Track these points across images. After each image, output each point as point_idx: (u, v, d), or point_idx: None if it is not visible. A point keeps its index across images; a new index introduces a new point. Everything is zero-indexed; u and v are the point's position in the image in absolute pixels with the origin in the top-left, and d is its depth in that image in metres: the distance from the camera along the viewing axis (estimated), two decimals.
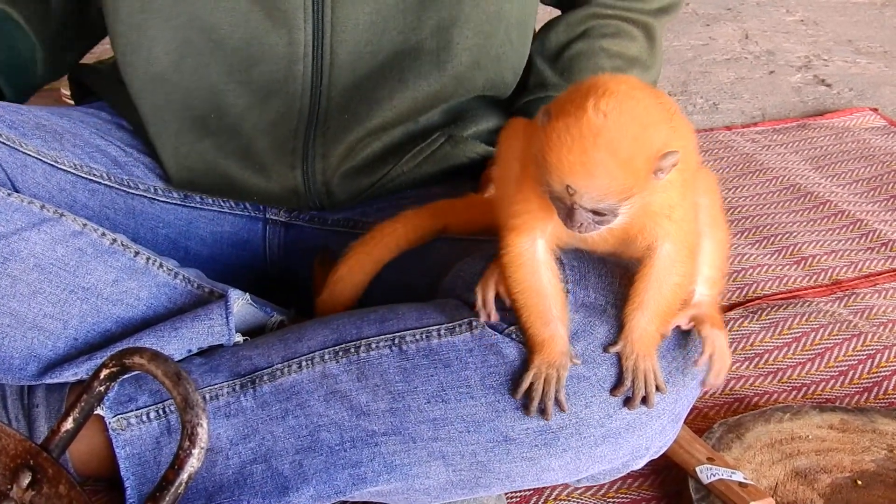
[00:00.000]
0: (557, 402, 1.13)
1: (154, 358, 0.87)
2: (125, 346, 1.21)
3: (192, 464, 0.83)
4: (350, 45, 1.34)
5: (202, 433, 0.83)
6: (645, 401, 1.14)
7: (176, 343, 1.24)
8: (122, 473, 1.21)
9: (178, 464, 0.83)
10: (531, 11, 1.46)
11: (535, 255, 1.12)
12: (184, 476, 0.82)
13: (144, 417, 1.22)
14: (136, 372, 0.91)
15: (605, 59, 1.46)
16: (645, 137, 0.99)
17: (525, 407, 1.13)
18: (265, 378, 1.21)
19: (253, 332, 1.32)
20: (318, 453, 1.18)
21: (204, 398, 1.12)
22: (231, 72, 1.36)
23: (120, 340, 1.25)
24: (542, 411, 1.13)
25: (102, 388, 0.93)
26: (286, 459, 1.19)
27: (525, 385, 1.13)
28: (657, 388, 1.13)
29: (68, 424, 0.94)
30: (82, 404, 0.93)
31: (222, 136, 1.38)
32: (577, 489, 1.38)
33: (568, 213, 1.02)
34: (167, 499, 0.81)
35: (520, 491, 1.35)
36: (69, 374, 1.23)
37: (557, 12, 1.58)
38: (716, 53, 3.26)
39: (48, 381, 1.23)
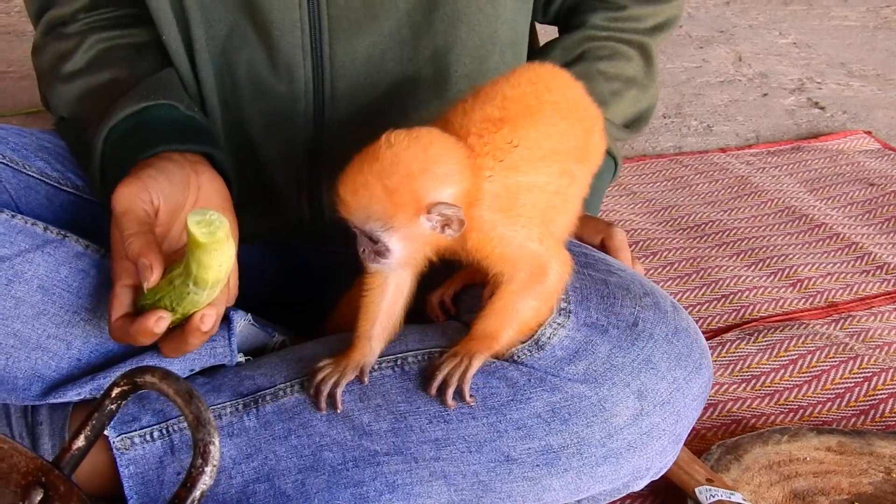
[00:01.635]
0: (331, 397, 1.18)
1: (165, 377, 0.88)
2: (128, 366, 1.22)
3: (205, 481, 0.84)
4: (349, 79, 1.35)
5: (214, 451, 0.84)
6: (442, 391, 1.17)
7: (179, 363, 1.24)
8: (125, 492, 1.21)
9: (190, 481, 0.83)
10: (523, 31, 1.47)
11: (382, 283, 1.17)
12: (196, 493, 0.83)
13: (148, 437, 1.22)
14: (146, 391, 0.91)
15: (602, 83, 1.47)
16: (417, 180, 1.04)
17: (306, 388, 1.20)
18: (268, 398, 1.22)
19: (254, 353, 1.33)
20: (321, 473, 1.19)
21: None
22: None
23: (122, 360, 1.26)
24: (317, 396, 1.18)
25: (113, 407, 0.94)
26: (289, 479, 1.19)
27: (319, 366, 1.20)
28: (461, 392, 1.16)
29: (80, 442, 0.94)
30: (94, 422, 0.94)
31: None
32: None
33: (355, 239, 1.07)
34: None
35: None
36: (73, 395, 1.23)
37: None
38: (709, 76, 3.28)
39: (52, 401, 1.24)
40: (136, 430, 1.22)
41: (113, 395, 0.93)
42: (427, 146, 1.05)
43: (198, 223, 1.03)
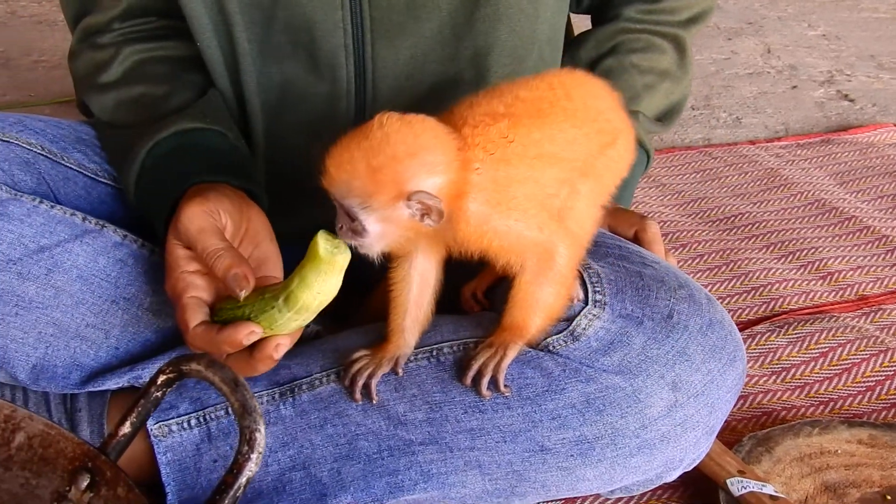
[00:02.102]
0: (366, 388, 1.19)
1: (211, 365, 0.90)
2: (167, 356, 1.24)
3: (250, 468, 0.85)
4: (391, 79, 1.35)
5: (259, 438, 0.85)
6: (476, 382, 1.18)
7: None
8: (163, 479, 1.22)
9: (236, 468, 0.84)
10: (560, 27, 1.47)
11: (406, 275, 1.18)
12: (242, 480, 0.84)
13: (185, 424, 1.24)
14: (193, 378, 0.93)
15: (636, 76, 1.48)
16: (402, 164, 1.03)
17: (341, 378, 1.21)
18: (304, 387, 1.23)
19: None
20: (356, 461, 1.20)
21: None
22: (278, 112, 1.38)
23: (160, 349, 1.28)
24: (352, 387, 1.20)
25: (159, 394, 0.95)
26: (325, 467, 1.20)
27: (354, 357, 1.21)
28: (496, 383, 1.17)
29: (125, 428, 0.96)
30: (139, 409, 0.95)
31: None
32: (607, 500, 1.39)
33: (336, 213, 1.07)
34: (226, 502, 0.83)
35: (551, 500, 1.36)
36: (111, 383, 1.25)
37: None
38: (738, 68, 3.27)
39: (91, 389, 1.25)
40: (173, 418, 1.23)
41: (159, 382, 0.94)
42: (418, 133, 1.05)
43: (326, 240, 1.04)
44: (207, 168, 1.26)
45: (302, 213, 1.27)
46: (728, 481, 1.34)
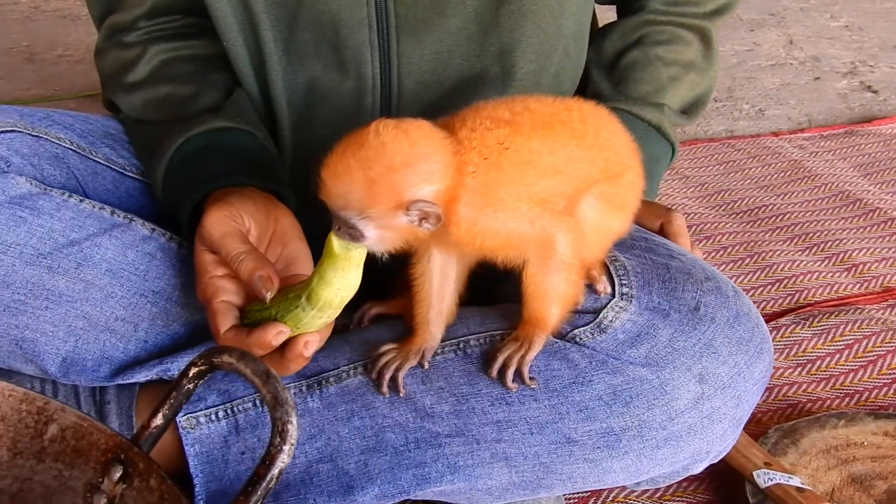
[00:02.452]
0: (393, 381, 1.19)
1: (242, 357, 0.90)
2: (196, 350, 1.25)
3: (283, 459, 0.85)
4: (416, 75, 1.35)
5: (292, 430, 0.86)
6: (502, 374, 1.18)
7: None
8: (191, 471, 1.23)
9: (268, 459, 0.85)
10: (586, 21, 1.46)
11: (425, 270, 1.18)
12: (274, 471, 0.85)
13: (213, 416, 1.24)
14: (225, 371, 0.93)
15: (661, 68, 1.48)
16: (399, 174, 1.03)
17: (368, 371, 1.22)
18: (331, 380, 1.23)
19: None
20: (383, 453, 1.20)
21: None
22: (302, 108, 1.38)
23: (188, 342, 1.29)
24: (379, 380, 1.20)
25: (191, 386, 0.96)
26: (352, 459, 1.21)
27: (381, 350, 1.21)
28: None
29: (158, 420, 0.96)
30: (171, 401, 0.96)
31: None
32: (633, 492, 1.40)
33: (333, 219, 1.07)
34: (258, 493, 0.83)
35: (577, 493, 1.37)
36: (140, 376, 1.26)
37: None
38: (760, 59, 3.27)
39: (120, 381, 1.26)
40: (201, 410, 1.24)
41: (190, 374, 0.95)
42: (414, 141, 1.04)
43: (339, 237, 1.05)
44: (235, 169, 1.26)
45: (326, 213, 1.28)
46: (754, 473, 1.34)
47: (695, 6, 1.51)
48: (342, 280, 1.05)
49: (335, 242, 1.04)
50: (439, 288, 1.18)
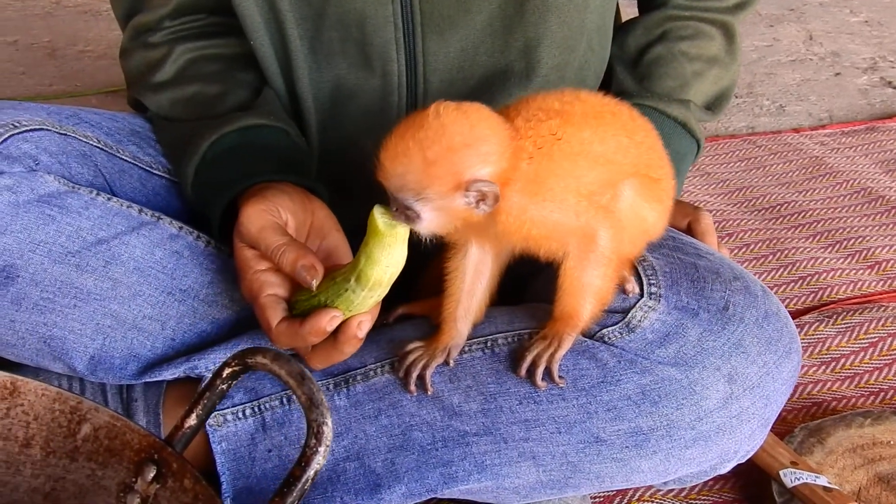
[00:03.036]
0: (421, 379, 1.20)
1: (277, 358, 0.90)
2: (223, 348, 1.25)
3: (318, 461, 0.85)
4: (442, 73, 1.35)
5: (327, 431, 0.86)
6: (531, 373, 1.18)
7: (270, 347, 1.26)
8: (217, 468, 1.24)
9: (304, 461, 0.85)
10: (609, 15, 1.46)
11: (459, 265, 1.18)
12: (310, 472, 0.85)
13: (240, 414, 1.25)
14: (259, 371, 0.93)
15: (685, 63, 1.47)
16: (459, 153, 1.03)
17: (396, 370, 1.22)
18: (358, 378, 1.24)
19: None
20: (411, 452, 1.20)
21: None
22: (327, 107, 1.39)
23: (215, 340, 1.29)
24: (406, 379, 1.21)
25: (224, 387, 0.96)
26: (379, 457, 1.21)
27: (408, 349, 1.22)
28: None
29: (192, 420, 0.97)
30: (205, 401, 0.96)
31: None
32: (659, 491, 1.40)
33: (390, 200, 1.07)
34: (294, 494, 0.84)
35: (603, 491, 1.37)
36: (168, 374, 1.26)
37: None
38: (780, 55, 3.26)
39: (147, 379, 1.27)
40: (228, 408, 1.25)
41: (224, 375, 0.95)
42: (474, 122, 1.04)
43: (382, 213, 1.05)
44: (269, 167, 1.27)
45: (354, 207, 1.28)
46: (781, 472, 1.34)
47: (717, 0, 1.51)
48: (389, 257, 1.05)
49: (379, 220, 1.05)
50: (471, 285, 1.18)
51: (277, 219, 1.16)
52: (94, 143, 1.34)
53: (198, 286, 1.29)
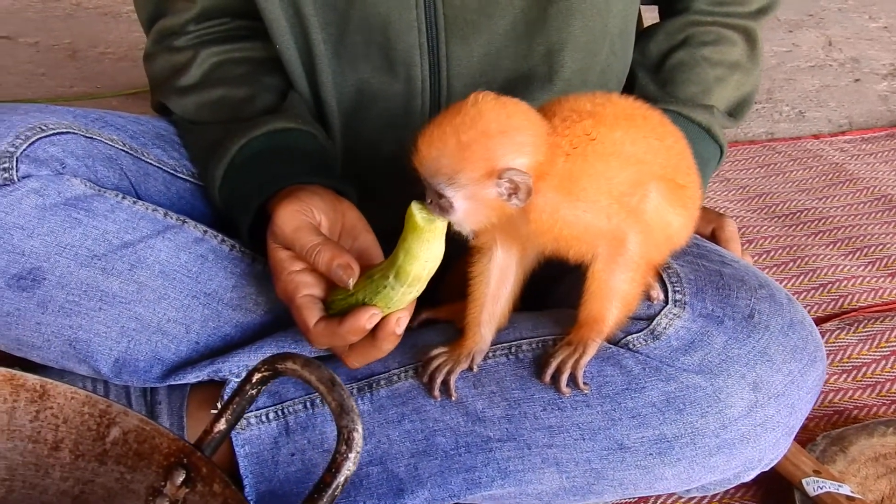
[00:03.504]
0: (445, 385, 1.20)
1: (307, 364, 0.91)
2: (246, 351, 1.25)
3: (349, 467, 0.86)
4: (465, 77, 1.35)
5: (357, 438, 0.86)
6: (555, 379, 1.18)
7: (296, 351, 1.26)
8: (241, 471, 1.24)
9: (335, 467, 0.85)
10: (632, 19, 1.46)
11: (484, 270, 1.19)
12: (340, 479, 0.85)
13: (264, 418, 1.25)
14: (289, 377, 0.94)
15: (707, 69, 1.47)
16: (494, 139, 1.03)
17: (420, 375, 1.23)
18: (382, 383, 1.24)
19: None
20: (434, 457, 1.21)
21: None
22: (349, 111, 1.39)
23: (239, 344, 1.29)
24: (430, 384, 1.21)
25: (254, 392, 0.96)
26: (402, 462, 1.22)
27: (432, 354, 1.22)
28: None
29: (221, 425, 0.97)
30: (234, 406, 0.97)
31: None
32: (681, 498, 1.39)
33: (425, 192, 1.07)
34: (324, 500, 0.84)
35: (626, 498, 1.36)
36: (192, 377, 1.27)
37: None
38: (800, 60, 3.25)
39: (171, 382, 1.27)
40: (252, 412, 1.25)
41: (254, 380, 0.95)
42: (512, 113, 1.05)
43: (420, 209, 1.05)
44: (298, 169, 1.27)
45: (377, 210, 1.28)
46: (804, 481, 1.34)
47: (739, 6, 1.51)
48: (428, 252, 1.06)
49: (418, 215, 1.05)
50: (495, 290, 1.19)
51: (311, 219, 1.17)
52: (120, 147, 1.35)
53: (222, 290, 1.29)
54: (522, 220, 1.09)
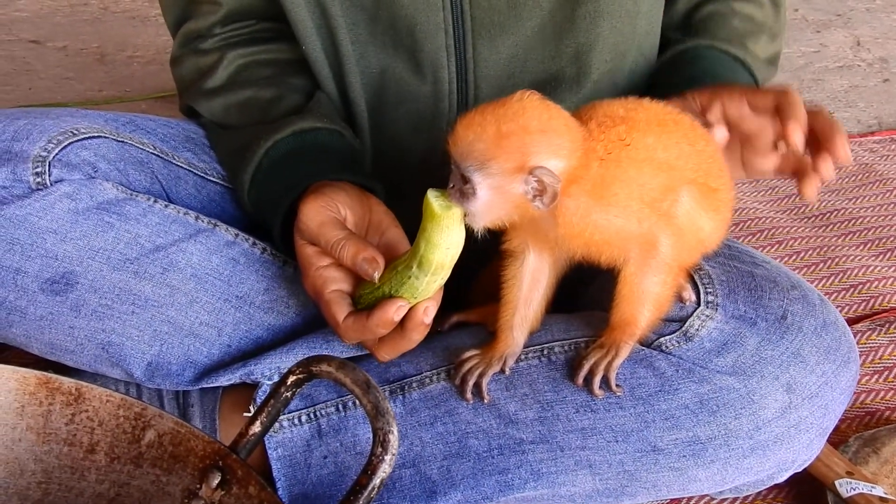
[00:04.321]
0: (477, 387, 1.20)
1: (342, 367, 0.91)
2: (278, 353, 1.26)
3: (384, 469, 0.86)
4: (492, 79, 1.35)
5: (393, 440, 0.86)
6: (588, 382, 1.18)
7: (327, 353, 1.26)
8: (273, 474, 1.24)
9: (370, 469, 0.86)
10: (658, 18, 1.44)
11: (517, 273, 1.19)
12: (376, 481, 0.85)
13: (296, 421, 1.25)
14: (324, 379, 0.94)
15: (737, 22, 1.45)
16: (532, 136, 1.04)
17: (452, 378, 1.23)
18: (414, 385, 1.24)
19: None
20: (466, 459, 1.21)
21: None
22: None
23: (270, 346, 1.29)
24: (463, 387, 1.21)
25: (289, 394, 0.96)
26: (434, 464, 1.22)
27: (464, 357, 1.22)
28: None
29: (256, 428, 0.97)
30: (269, 409, 0.97)
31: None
32: (714, 499, 1.39)
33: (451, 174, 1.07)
34: (360, 502, 0.84)
35: (658, 500, 1.36)
36: (224, 380, 1.27)
37: None
38: (828, 61, 3.23)
39: (204, 385, 1.28)
40: (284, 415, 1.25)
41: (289, 382, 0.95)
42: (554, 115, 1.05)
43: (437, 197, 1.06)
44: (325, 167, 1.27)
45: (406, 209, 1.29)
46: (836, 483, 1.33)
47: None
48: (449, 238, 1.06)
49: (434, 203, 1.05)
50: (528, 293, 1.19)
51: (336, 214, 1.17)
52: (151, 150, 1.36)
53: (253, 293, 1.30)
54: (551, 223, 1.09)
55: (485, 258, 1.24)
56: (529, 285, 1.19)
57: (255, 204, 1.31)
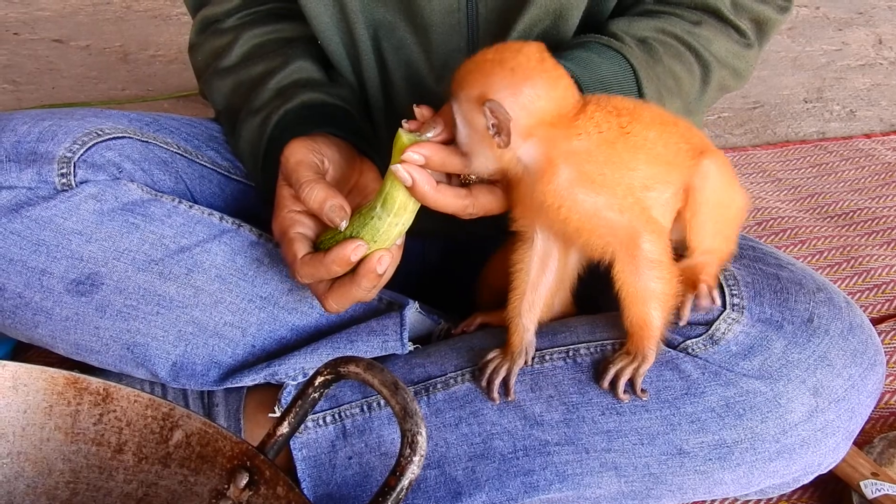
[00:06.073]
0: (505, 385, 1.19)
1: (370, 367, 0.90)
2: (302, 353, 1.26)
3: (413, 470, 0.85)
4: None
5: (421, 441, 0.86)
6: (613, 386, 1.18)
7: (351, 353, 1.27)
8: (298, 475, 1.25)
9: (399, 470, 0.85)
10: None
11: (524, 258, 1.18)
12: (405, 482, 0.85)
13: (321, 421, 1.26)
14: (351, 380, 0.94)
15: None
16: (501, 72, 1.05)
17: (478, 379, 1.22)
18: (438, 386, 1.24)
19: (420, 340, 1.35)
20: (491, 461, 1.21)
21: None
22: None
23: (294, 346, 1.30)
24: (489, 387, 1.20)
25: (317, 395, 0.96)
26: (459, 466, 1.22)
27: (489, 358, 1.22)
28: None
29: (283, 429, 0.97)
30: (297, 409, 0.97)
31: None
32: (738, 501, 1.39)
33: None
34: (389, 503, 0.84)
35: (684, 502, 1.36)
36: (248, 380, 1.27)
37: None
38: (849, 59, 3.23)
39: (228, 385, 1.28)
40: (309, 415, 1.25)
41: (316, 383, 0.95)
42: (544, 69, 1.06)
43: (409, 132, 1.07)
44: (325, 124, 1.27)
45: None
46: (862, 484, 1.33)
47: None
48: None
49: (405, 136, 1.06)
50: (535, 278, 1.18)
51: (318, 161, 1.17)
52: (175, 150, 1.36)
53: (278, 293, 1.30)
54: (534, 190, 1.09)
55: (495, 242, 1.25)
56: (537, 270, 1.18)
57: (265, 186, 1.31)
